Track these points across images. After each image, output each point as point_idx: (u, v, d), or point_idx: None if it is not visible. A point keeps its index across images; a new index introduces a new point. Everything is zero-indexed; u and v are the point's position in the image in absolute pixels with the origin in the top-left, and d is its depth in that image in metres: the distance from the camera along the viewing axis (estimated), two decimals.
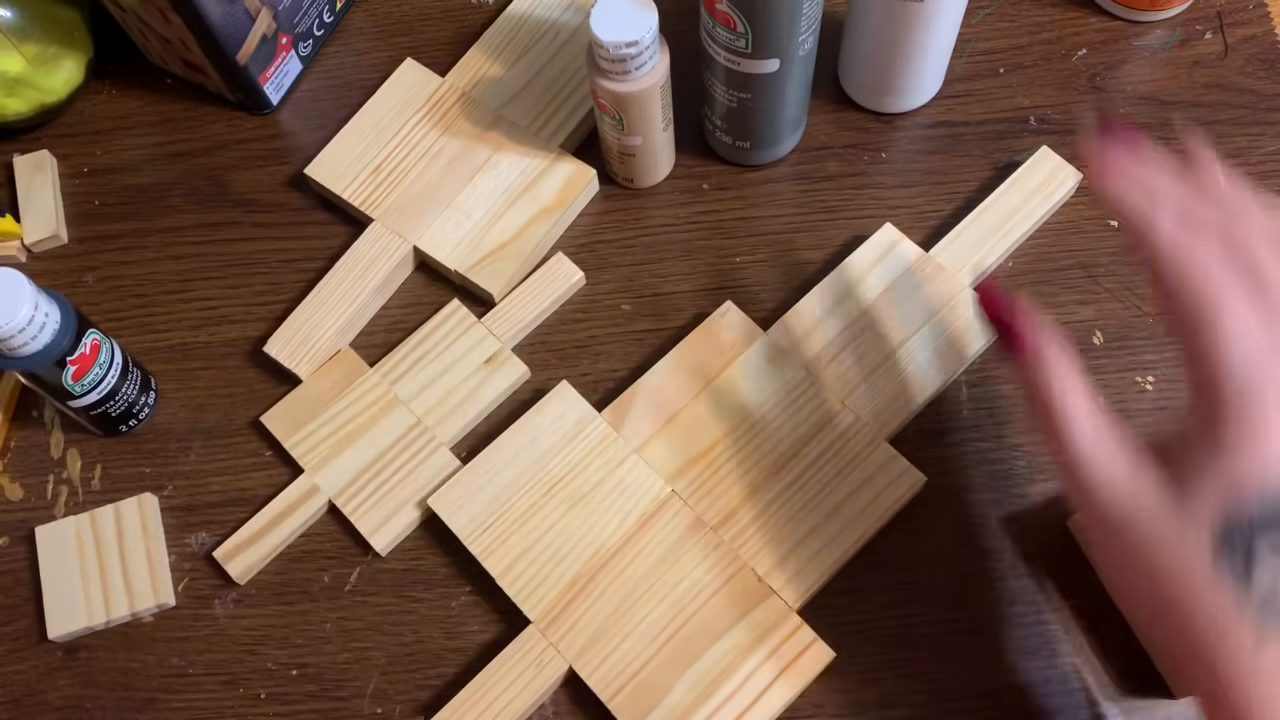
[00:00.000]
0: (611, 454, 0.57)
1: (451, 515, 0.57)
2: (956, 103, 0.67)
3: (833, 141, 0.66)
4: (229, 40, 0.64)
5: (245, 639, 0.58)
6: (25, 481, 0.62)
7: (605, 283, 0.64)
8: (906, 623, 0.55)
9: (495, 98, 0.67)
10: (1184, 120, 0.65)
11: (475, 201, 0.64)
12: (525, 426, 0.58)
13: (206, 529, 0.60)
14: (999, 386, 0.60)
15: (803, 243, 0.64)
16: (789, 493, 0.56)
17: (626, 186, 0.66)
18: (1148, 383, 0.59)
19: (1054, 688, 0.54)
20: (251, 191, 0.68)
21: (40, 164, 0.69)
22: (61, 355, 0.54)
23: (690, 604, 0.54)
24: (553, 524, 0.56)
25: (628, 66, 0.56)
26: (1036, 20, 0.69)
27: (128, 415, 0.61)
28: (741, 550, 0.55)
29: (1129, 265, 0.62)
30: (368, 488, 0.59)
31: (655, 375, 0.59)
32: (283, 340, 0.62)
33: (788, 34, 0.55)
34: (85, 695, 0.57)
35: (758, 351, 0.59)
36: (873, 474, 0.56)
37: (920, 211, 0.64)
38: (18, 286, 0.52)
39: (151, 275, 0.66)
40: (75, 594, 0.58)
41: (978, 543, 0.57)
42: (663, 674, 0.53)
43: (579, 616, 0.54)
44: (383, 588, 0.58)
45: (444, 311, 0.62)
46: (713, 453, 0.57)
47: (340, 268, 0.63)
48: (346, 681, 0.56)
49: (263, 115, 0.70)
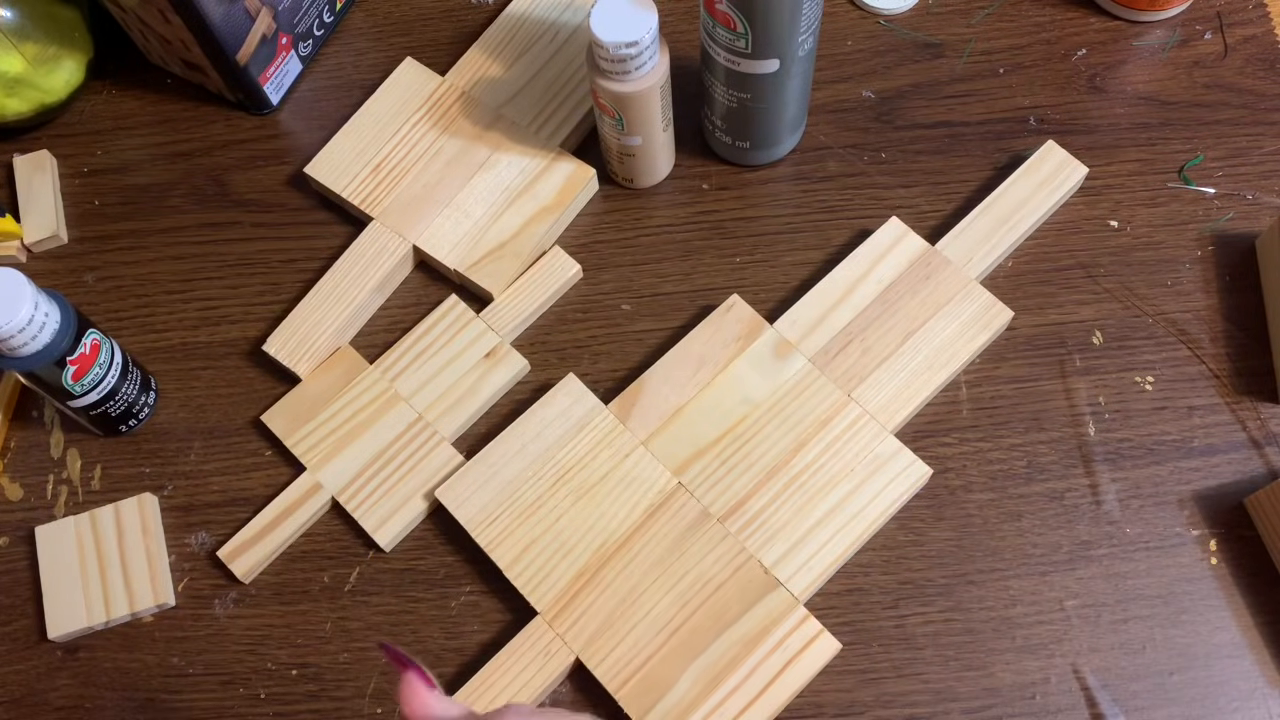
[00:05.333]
0: (618, 446, 0.58)
1: (458, 507, 0.57)
2: (956, 103, 0.67)
3: (833, 141, 0.66)
4: (229, 40, 0.64)
5: (245, 639, 0.58)
6: (25, 481, 0.62)
7: (605, 282, 0.64)
8: (906, 623, 0.55)
9: (495, 97, 0.67)
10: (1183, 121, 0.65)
11: (475, 201, 0.64)
12: (532, 419, 0.59)
13: (206, 529, 0.60)
14: (999, 387, 0.60)
15: (803, 243, 0.64)
16: (796, 485, 0.56)
17: (626, 186, 0.66)
18: (1147, 383, 0.59)
19: (1054, 687, 0.54)
20: (251, 191, 0.68)
21: (40, 164, 0.69)
22: (61, 355, 0.54)
23: (697, 595, 0.54)
24: (560, 516, 0.56)
25: (628, 66, 0.56)
26: (1036, 20, 0.69)
27: (128, 415, 0.61)
28: (748, 542, 0.55)
29: (1129, 265, 0.62)
30: (370, 484, 0.59)
31: (662, 368, 0.59)
32: (282, 339, 0.62)
33: (788, 34, 0.55)
34: (85, 695, 0.57)
35: (764, 344, 0.59)
36: (880, 466, 0.56)
37: (920, 211, 0.64)
38: (18, 286, 0.52)
39: (151, 275, 0.66)
40: (75, 594, 0.58)
41: (978, 542, 0.57)
42: (669, 665, 0.53)
43: (586, 608, 0.55)
44: (383, 588, 0.58)
45: (442, 307, 0.62)
46: (719, 445, 0.57)
47: (340, 267, 0.63)
48: (346, 681, 0.56)
49: (263, 115, 0.70)
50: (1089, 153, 0.65)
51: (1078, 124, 0.66)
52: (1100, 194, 0.64)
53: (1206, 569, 0.56)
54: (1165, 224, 0.63)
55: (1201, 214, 0.63)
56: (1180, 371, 0.59)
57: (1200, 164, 0.64)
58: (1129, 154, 0.65)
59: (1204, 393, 0.59)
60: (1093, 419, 0.59)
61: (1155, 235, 0.63)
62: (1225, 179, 0.64)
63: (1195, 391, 0.59)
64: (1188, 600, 0.55)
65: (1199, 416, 0.59)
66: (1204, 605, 0.55)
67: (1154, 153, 0.65)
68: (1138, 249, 0.63)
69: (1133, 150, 0.65)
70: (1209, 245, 0.63)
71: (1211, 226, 0.63)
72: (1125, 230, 0.63)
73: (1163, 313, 0.61)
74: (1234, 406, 0.59)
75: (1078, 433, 0.59)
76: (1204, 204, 0.64)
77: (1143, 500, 0.57)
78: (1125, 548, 0.56)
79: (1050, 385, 0.60)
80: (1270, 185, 0.64)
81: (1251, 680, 0.53)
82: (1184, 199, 0.64)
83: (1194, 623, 0.55)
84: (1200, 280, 0.62)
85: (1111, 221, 0.63)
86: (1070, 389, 0.60)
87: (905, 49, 0.69)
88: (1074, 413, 0.59)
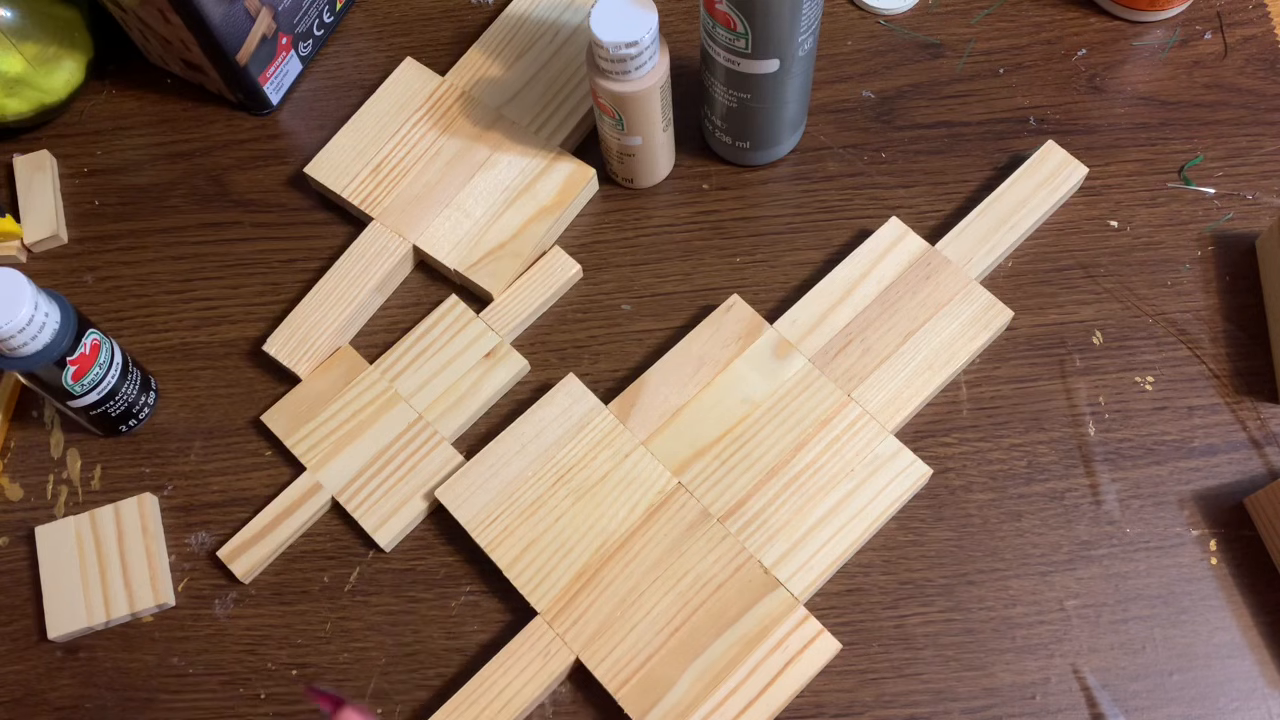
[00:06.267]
0: (618, 446, 0.58)
1: (458, 507, 0.57)
2: (956, 103, 0.67)
3: (833, 141, 0.66)
4: (229, 40, 0.64)
5: (245, 639, 0.58)
6: (25, 481, 0.62)
7: (605, 282, 0.64)
8: (906, 623, 0.55)
9: (495, 97, 0.67)
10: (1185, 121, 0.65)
11: (475, 201, 0.64)
12: (532, 419, 0.59)
13: (206, 529, 0.60)
14: (999, 387, 0.60)
15: (803, 243, 0.64)
16: (796, 485, 0.56)
17: (626, 186, 0.66)
18: (1147, 382, 0.59)
19: (1054, 687, 0.54)
20: (251, 191, 0.68)
21: (40, 164, 0.69)
22: (61, 355, 0.54)
23: (697, 596, 0.54)
24: (560, 516, 0.56)
25: (628, 67, 0.56)
26: (1036, 20, 0.69)
27: (128, 415, 0.61)
28: (748, 542, 0.55)
29: (1129, 265, 0.62)
30: (370, 484, 0.59)
31: (662, 368, 0.59)
32: (282, 339, 0.62)
33: (788, 34, 0.55)
34: (85, 695, 0.57)
35: (764, 344, 0.59)
36: (880, 466, 0.56)
37: (920, 211, 0.64)
38: (18, 286, 0.52)
39: (151, 275, 0.66)
40: (75, 594, 0.58)
41: (978, 542, 0.57)
42: (669, 665, 0.53)
43: (586, 608, 0.55)
44: (383, 588, 0.58)
45: (442, 307, 0.62)
46: (719, 445, 0.57)
47: (340, 267, 0.63)
48: (346, 682, 0.56)
49: (263, 115, 0.70)
50: (1089, 153, 0.65)
51: (1078, 124, 0.66)
52: (1100, 194, 0.64)
53: (1206, 569, 0.56)
54: (1165, 224, 0.63)
55: (1201, 214, 0.63)
56: (1180, 371, 0.59)
57: (1200, 164, 0.64)
58: (1129, 154, 0.65)
59: (1204, 393, 0.59)
60: (1093, 419, 0.59)
61: (1155, 235, 0.63)
62: (1225, 179, 0.64)
63: (1195, 391, 0.59)
64: (1188, 600, 0.55)
65: (1199, 416, 0.59)
66: (1204, 605, 0.55)
67: (1154, 153, 0.65)
68: (1138, 249, 0.63)
69: (1133, 150, 0.65)
70: (1209, 245, 0.63)
71: (1211, 226, 0.63)
72: (1125, 230, 0.63)
73: (1163, 313, 0.61)
74: (1234, 406, 0.59)
75: (1078, 433, 0.59)
76: (1204, 204, 0.64)
77: (1143, 500, 0.57)
78: (1125, 548, 0.56)
79: (1050, 385, 0.60)
80: (1270, 185, 0.64)
81: (1251, 680, 0.54)
82: (1184, 199, 0.64)
83: (1194, 623, 0.55)
84: (1200, 280, 0.62)
85: (1111, 221, 0.63)
86: (1070, 389, 0.60)
87: (905, 49, 0.69)
88: (1074, 413, 0.59)
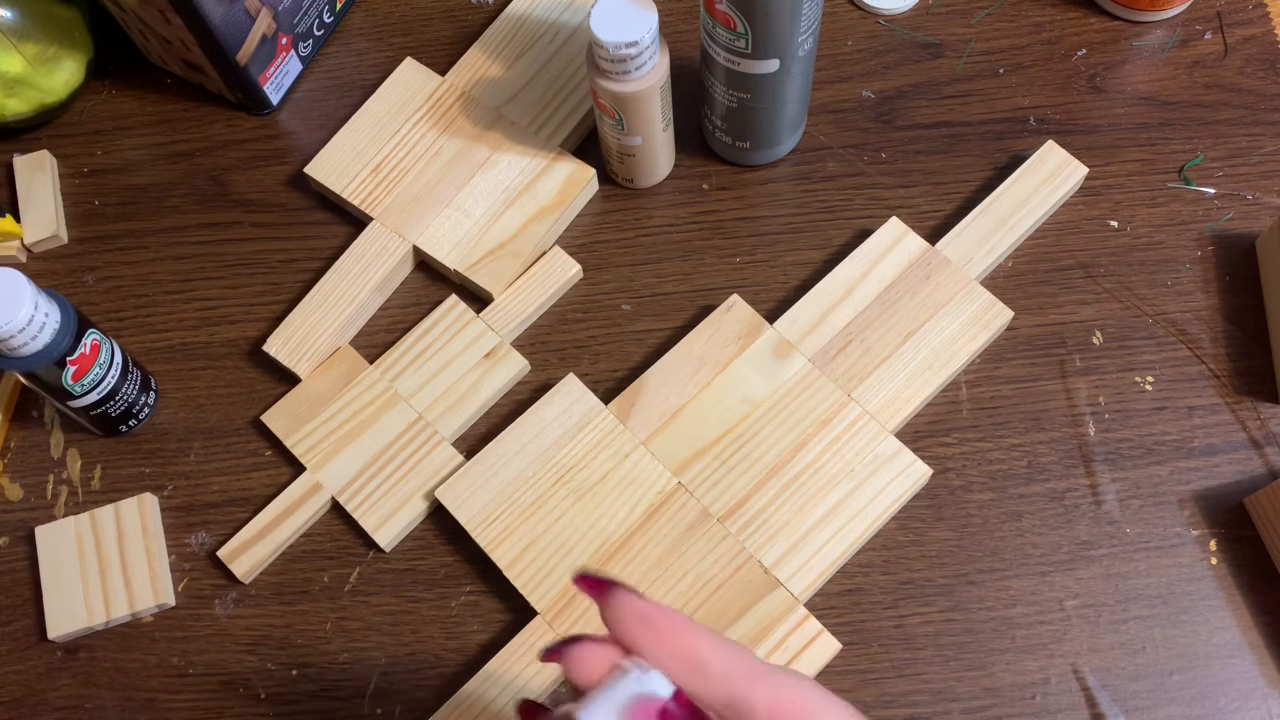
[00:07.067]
0: (619, 446, 0.58)
1: (458, 507, 0.57)
2: (956, 103, 0.67)
3: (833, 141, 0.66)
4: (229, 40, 0.64)
5: (245, 639, 0.58)
6: (25, 481, 0.62)
7: (605, 282, 0.64)
8: (906, 623, 0.55)
9: (495, 97, 0.67)
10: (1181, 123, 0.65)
11: (475, 201, 0.64)
12: (532, 419, 0.59)
13: (206, 529, 0.60)
14: (999, 387, 0.60)
15: (803, 243, 0.64)
16: (796, 485, 0.56)
17: (626, 186, 0.66)
18: (1147, 383, 0.59)
19: (1054, 687, 0.54)
20: (251, 191, 0.68)
21: (40, 164, 0.69)
22: (61, 355, 0.54)
23: (697, 596, 0.54)
24: (560, 516, 0.56)
25: (628, 67, 0.56)
26: (1036, 20, 0.69)
27: (128, 415, 0.61)
28: (748, 542, 0.55)
29: (1129, 265, 0.62)
30: (370, 484, 0.59)
31: (662, 368, 0.59)
32: (282, 339, 0.62)
33: (788, 34, 0.55)
34: (85, 695, 0.57)
35: (764, 344, 0.59)
36: (880, 466, 0.56)
37: (920, 211, 0.64)
38: (18, 286, 0.52)
39: (151, 275, 0.66)
40: (75, 594, 0.58)
41: (978, 542, 0.57)
42: None
43: (586, 608, 0.55)
44: (383, 588, 0.58)
45: (442, 307, 0.62)
46: (719, 445, 0.57)
47: (340, 267, 0.63)
48: (346, 682, 0.56)
49: (263, 115, 0.70)
50: (1089, 153, 0.65)
51: (1078, 124, 0.66)
52: (1100, 194, 0.64)
53: (1206, 569, 0.56)
54: (1165, 224, 0.63)
55: (1201, 214, 0.63)
56: (1180, 371, 0.59)
57: (1200, 164, 0.64)
58: (1129, 154, 0.65)
59: (1204, 393, 0.59)
60: (1093, 419, 0.59)
61: (1155, 235, 0.63)
62: (1225, 179, 0.64)
63: (1195, 391, 0.59)
64: (1188, 600, 0.55)
65: (1199, 416, 0.59)
66: (1204, 605, 0.55)
67: (1154, 153, 0.65)
68: (1138, 249, 0.63)
69: (1133, 150, 0.65)
70: (1209, 245, 0.63)
71: (1211, 226, 0.63)
72: (1125, 230, 0.63)
73: (1163, 313, 0.61)
74: (1234, 406, 0.59)
75: (1078, 433, 0.59)
76: (1204, 204, 0.64)
77: (1143, 500, 0.57)
78: (1125, 548, 0.56)
79: (1050, 385, 0.60)
80: (1270, 185, 0.64)
81: (1251, 680, 0.53)
82: (1184, 199, 0.64)
83: (1194, 623, 0.55)
84: (1200, 280, 0.62)
85: (1111, 221, 0.63)
86: (1070, 389, 0.60)
87: (905, 49, 0.69)
88: (1074, 413, 0.59)
